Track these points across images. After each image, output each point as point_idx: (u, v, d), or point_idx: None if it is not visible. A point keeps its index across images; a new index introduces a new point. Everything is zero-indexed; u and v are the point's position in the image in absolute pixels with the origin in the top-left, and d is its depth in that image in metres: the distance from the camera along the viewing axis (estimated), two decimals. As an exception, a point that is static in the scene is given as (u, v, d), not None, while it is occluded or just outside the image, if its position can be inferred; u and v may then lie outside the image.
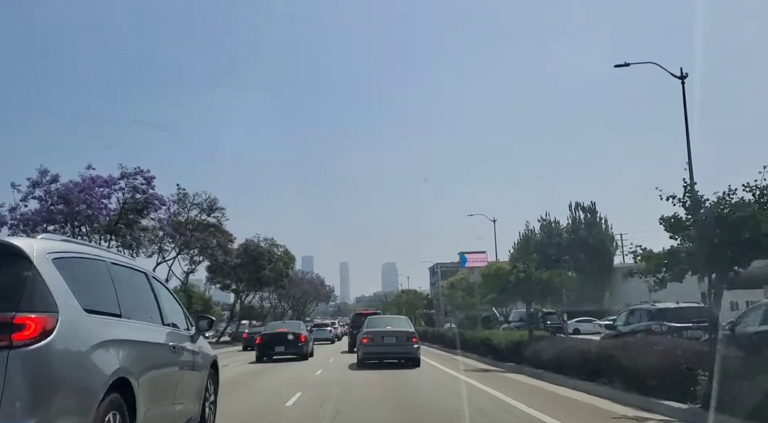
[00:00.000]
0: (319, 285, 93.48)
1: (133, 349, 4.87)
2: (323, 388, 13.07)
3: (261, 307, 77.15)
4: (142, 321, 5.50)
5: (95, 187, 26.17)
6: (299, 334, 25.12)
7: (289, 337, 24.64)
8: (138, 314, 5.47)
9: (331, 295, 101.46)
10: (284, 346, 24.40)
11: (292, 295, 78.97)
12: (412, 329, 19.92)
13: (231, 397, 11.05)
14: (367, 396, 11.70)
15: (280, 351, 24.20)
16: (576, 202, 60.25)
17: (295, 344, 24.50)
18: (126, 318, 5.07)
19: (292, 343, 24.51)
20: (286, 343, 24.51)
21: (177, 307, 6.96)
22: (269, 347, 24.40)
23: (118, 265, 5.51)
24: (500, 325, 44.07)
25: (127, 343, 4.80)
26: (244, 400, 11.49)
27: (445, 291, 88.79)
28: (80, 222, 26.34)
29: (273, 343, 24.53)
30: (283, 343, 24.49)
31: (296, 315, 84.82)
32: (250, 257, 46.03)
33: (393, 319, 24.15)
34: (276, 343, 24.56)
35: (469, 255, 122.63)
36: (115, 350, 4.56)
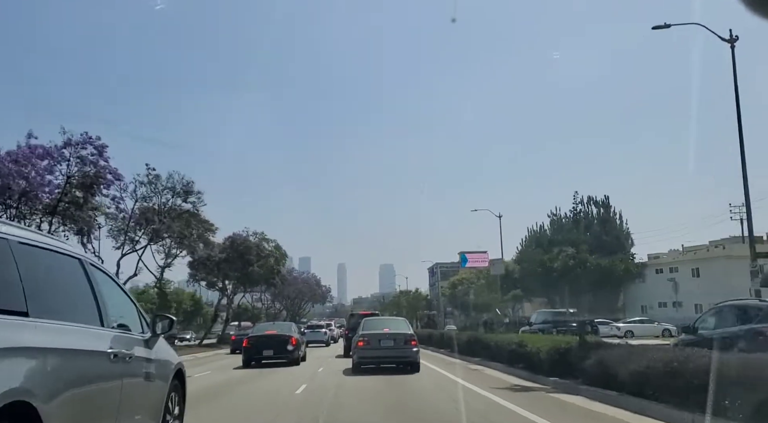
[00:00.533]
0: (314, 285, 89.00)
1: (44, 360, 3.57)
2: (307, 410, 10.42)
3: (253, 308, 72.67)
4: (68, 322, 4.13)
5: (34, 158, 21.45)
6: (290, 337, 23.44)
7: (278, 340, 23.13)
8: (61, 313, 4.11)
9: (328, 295, 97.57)
10: (273, 349, 22.94)
11: (286, 295, 74.66)
12: (410, 331, 19.06)
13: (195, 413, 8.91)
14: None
15: (269, 355, 22.78)
16: (588, 196, 57.47)
17: (285, 348, 22.88)
18: (37, 318, 3.69)
19: (282, 347, 22.92)
20: (276, 346, 22.98)
21: (128, 304, 5.65)
22: (257, 351, 22.96)
23: (31, 246, 4.03)
24: (502, 328, 42.00)
25: (35, 353, 3.51)
26: (215, 419, 9.78)
27: (446, 291, 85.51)
28: (16, 200, 21.61)
29: (261, 347, 23.03)
30: (271, 347, 23.01)
31: (291, 316, 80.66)
32: (237, 252, 41.60)
33: (391, 320, 23.48)
34: (264, 346, 23.06)
35: (469, 255, 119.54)
36: (10, 363, 3.26)
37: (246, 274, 43.99)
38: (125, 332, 5.14)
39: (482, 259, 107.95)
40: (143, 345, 5.45)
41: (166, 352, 6.15)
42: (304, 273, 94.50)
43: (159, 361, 5.76)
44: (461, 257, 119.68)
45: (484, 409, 9.56)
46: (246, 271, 43.24)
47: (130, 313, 5.55)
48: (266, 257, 46.68)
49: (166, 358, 6.07)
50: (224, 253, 42.15)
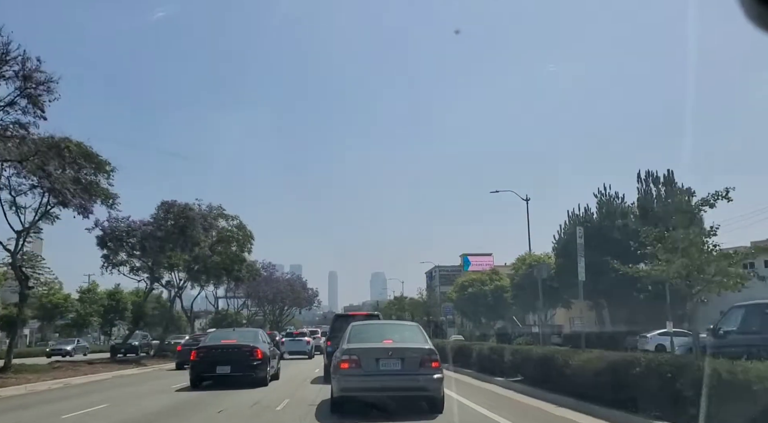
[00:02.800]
0: (299, 287, 74.88)
1: None
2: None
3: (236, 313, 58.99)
4: None
5: None
6: (253, 349, 17.78)
7: (238, 353, 17.59)
8: None
9: (315, 300, 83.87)
10: (230, 365, 17.48)
11: (264, 296, 60.73)
12: (429, 345, 11.86)
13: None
14: None
15: (224, 372, 17.40)
16: (647, 171, 45.28)
17: (248, 363, 17.43)
18: None
19: (243, 362, 17.44)
20: (234, 361, 17.47)
21: None
22: (208, 367, 17.58)
23: None
24: (520, 338, 35.32)
25: None
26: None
27: (452, 295, 72.43)
28: None
29: (214, 362, 17.58)
30: (229, 362, 17.51)
31: (271, 323, 66.85)
32: (177, 227, 27.85)
33: (395, 326, 15.19)
34: (219, 360, 17.56)
35: (472, 257, 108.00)
36: None
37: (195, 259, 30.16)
38: None
39: (487, 262, 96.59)
40: None
41: None
42: (289, 274, 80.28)
43: None
44: (464, 260, 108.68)
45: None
46: (191, 253, 29.48)
47: None
48: (226, 239, 32.85)
49: None
50: (155, 226, 28.40)
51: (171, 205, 33.95)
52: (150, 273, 35.07)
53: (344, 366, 11.24)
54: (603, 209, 44.20)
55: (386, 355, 11.26)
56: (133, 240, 32.98)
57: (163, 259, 33.60)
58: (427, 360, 11.30)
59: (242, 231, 40.95)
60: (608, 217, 43.65)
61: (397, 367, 11.22)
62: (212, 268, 37.98)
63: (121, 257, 34.35)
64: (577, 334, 51.45)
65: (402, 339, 12.14)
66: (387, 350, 11.34)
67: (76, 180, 23.84)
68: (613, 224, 43.30)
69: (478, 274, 67.62)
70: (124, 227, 32.33)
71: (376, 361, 11.19)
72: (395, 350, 11.37)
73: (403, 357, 11.27)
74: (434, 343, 20.52)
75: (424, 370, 11.16)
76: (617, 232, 42.69)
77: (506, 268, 69.52)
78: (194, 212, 34.97)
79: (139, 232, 32.61)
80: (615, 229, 42.83)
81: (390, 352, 11.30)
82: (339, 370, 11.32)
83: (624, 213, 43.60)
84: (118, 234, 32.62)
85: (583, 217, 44.38)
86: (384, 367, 11.19)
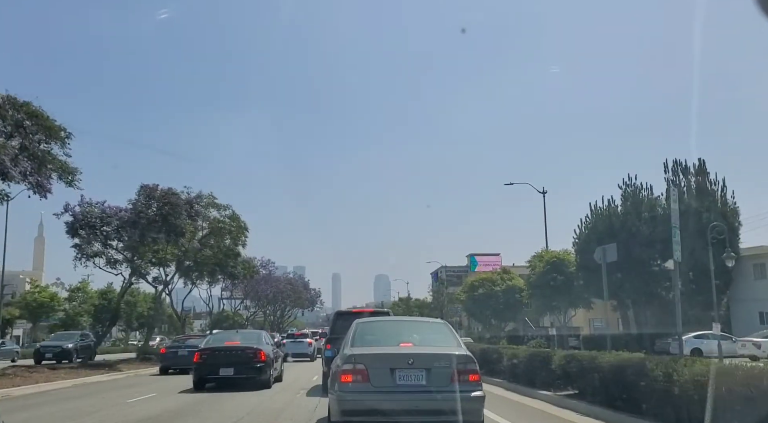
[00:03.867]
0: (301, 287, 71.64)
1: None
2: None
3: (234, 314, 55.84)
4: None
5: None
6: (257, 350, 17.81)
7: (241, 355, 17.69)
8: None
9: (317, 300, 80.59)
10: (233, 367, 17.46)
11: (263, 295, 57.53)
12: (464, 350, 8.70)
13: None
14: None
15: (227, 375, 17.37)
16: (675, 160, 41.92)
17: (251, 365, 17.47)
18: None
19: (247, 364, 17.49)
20: (238, 363, 17.52)
21: None
22: (211, 369, 17.57)
23: None
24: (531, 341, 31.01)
25: None
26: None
27: (461, 295, 69.29)
28: None
29: (218, 364, 17.59)
30: (232, 364, 17.50)
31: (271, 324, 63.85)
32: (160, 214, 24.33)
33: (414, 324, 11.31)
34: (222, 362, 17.57)
35: (479, 257, 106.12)
36: None
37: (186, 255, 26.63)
38: None
39: (494, 262, 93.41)
40: None
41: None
42: (290, 274, 76.87)
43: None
44: (471, 260, 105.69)
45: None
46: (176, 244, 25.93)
47: None
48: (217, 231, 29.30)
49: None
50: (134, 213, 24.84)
51: (153, 190, 30.32)
52: (130, 266, 31.43)
53: (346, 378, 8.15)
54: (628, 201, 40.84)
55: (405, 364, 8.15)
56: (108, 228, 29.41)
57: (144, 250, 30.07)
58: (463, 371, 8.17)
59: (236, 222, 37.74)
60: (634, 210, 40.19)
61: (420, 381, 8.14)
62: (203, 263, 34.44)
63: (95, 247, 30.75)
64: (598, 337, 48.01)
65: (425, 341, 9.04)
66: (406, 357, 8.23)
67: (22, 147, 20.18)
68: (639, 217, 39.96)
69: (488, 274, 64.52)
70: (98, 213, 28.75)
71: (390, 373, 8.14)
72: (418, 357, 8.26)
73: (429, 367, 8.18)
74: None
75: (460, 385, 8.05)
76: (645, 226, 39.18)
77: (516, 268, 66.42)
78: (177, 197, 31.26)
79: (114, 218, 29.06)
80: (642, 222, 39.36)
81: (410, 359, 8.19)
82: (339, 383, 8.22)
83: (651, 205, 39.99)
84: (92, 221, 29.04)
85: (606, 210, 40.83)
86: (402, 380, 8.13)
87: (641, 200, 40.79)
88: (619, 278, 39.01)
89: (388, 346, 8.66)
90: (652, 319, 41.66)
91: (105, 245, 31.71)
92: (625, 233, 38.73)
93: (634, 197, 41.27)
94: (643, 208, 40.24)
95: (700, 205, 38.69)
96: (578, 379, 12.50)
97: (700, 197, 39.58)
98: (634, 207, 40.48)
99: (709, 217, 37.74)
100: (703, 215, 37.76)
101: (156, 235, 29.50)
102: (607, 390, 10.91)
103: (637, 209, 40.31)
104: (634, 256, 38.14)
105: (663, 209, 39.90)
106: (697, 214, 37.67)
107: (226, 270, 36.81)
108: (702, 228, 35.75)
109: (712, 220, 37.37)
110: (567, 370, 13.06)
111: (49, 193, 21.63)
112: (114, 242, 30.03)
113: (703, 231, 35.66)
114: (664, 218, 36.67)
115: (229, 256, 36.58)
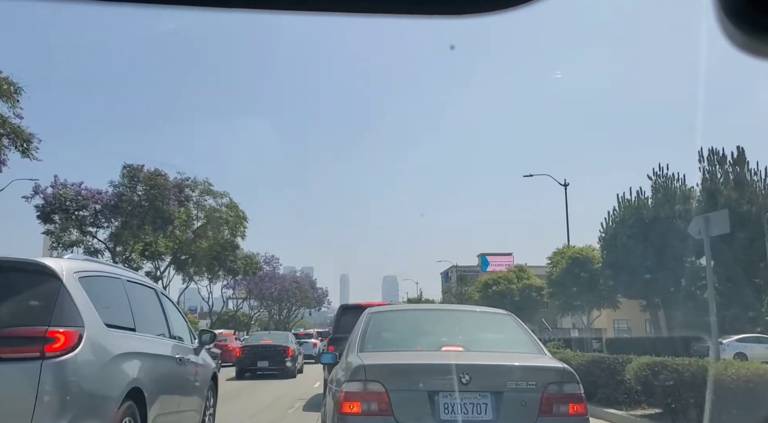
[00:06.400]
0: (307, 286, 68.82)
1: (145, 361, 5.72)
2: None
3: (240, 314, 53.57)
4: (152, 334, 6.41)
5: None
6: (286, 348, 21.97)
7: (274, 351, 21.69)
8: (149, 328, 6.39)
9: (324, 300, 77.84)
10: (268, 360, 21.43)
11: (267, 293, 54.90)
12: (554, 361, 5.09)
13: None
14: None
15: (263, 367, 21.50)
16: (711, 148, 37.60)
17: (282, 359, 21.50)
18: (139, 332, 5.99)
19: (278, 358, 21.50)
20: (271, 357, 21.47)
21: (181, 320, 7.93)
22: (251, 362, 21.61)
23: (133, 282, 6.50)
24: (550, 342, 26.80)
25: (141, 356, 5.67)
26: None
27: (475, 294, 66.06)
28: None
29: (255, 358, 21.55)
30: (266, 358, 21.45)
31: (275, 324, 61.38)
32: (147, 198, 21.27)
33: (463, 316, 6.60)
34: (259, 357, 21.51)
35: (491, 257, 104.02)
36: (130, 362, 5.40)
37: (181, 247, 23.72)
38: (181, 343, 7.42)
39: (507, 262, 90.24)
40: (193, 352, 7.66)
41: (207, 358, 8.49)
42: (297, 271, 74.34)
43: (202, 364, 7.98)
44: (482, 259, 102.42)
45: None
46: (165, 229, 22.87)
47: (182, 328, 7.83)
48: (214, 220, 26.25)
49: (207, 363, 8.41)
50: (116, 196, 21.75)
51: (137, 170, 27.05)
52: (112, 256, 28.28)
53: (351, 407, 4.72)
54: (659, 193, 37.68)
55: (455, 384, 4.65)
56: (85, 212, 26.17)
57: (129, 238, 26.89)
58: (560, 397, 4.72)
59: (234, 211, 34.74)
60: (667, 202, 36.97)
61: (483, 414, 4.65)
62: (200, 255, 31.20)
63: (73, 235, 27.48)
64: (623, 340, 44.66)
65: (484, 345, 5.62)
66: (456, 371, 4.69)
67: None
68: (672, 210, 36.84)
69: (504, 273, 61.33)
70: (72, 195, 25.50)
71: (429, 400, 4.69)
72: (477, 371, 4.79)
73: (499, 389, 4.72)
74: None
75: (554, 421, 4.66)
76: (678, 219, 35.90)
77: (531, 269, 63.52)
78: (165, 180, 28.11)
79: (91, 201, 25.84)
80: (675, 216, 36.13)
81: (464, 374, 4.68)
82: (340, 416, 4.80)
83: (685, 197, 36.70)
84: (67, 204, 25.78)
85: (636, 202, 37.59)
86: (449, 414, 4.66)
87: (674, 192, 37.64)
88: (649, 276, 35.94)
89: (422, 352, 5.45)
90: (685, 321, 38.45)
91: (83, 233, 28.88)
92: (657, 227, 35.68)
93: (665, 189, 38.14)
94: (677, 200, 37.11)
95: (740, 196, 35.50)
96: (666, 396, 9.30)
97: (738, 188, 36.37)
98: (667, 199, 37.49)
99: (750, 210, 34.59)
100: (744, 207, 34.57)
101: (141, 222, 26.22)
102: (721, 416, 7.69)
103: (670, 201, 37.27)
104: (667, 251, 35.10)
105: (698, 201, 36.72)
106: (738, 206, 34.43)
107: (225, 264, 33.90)
108: (741, 221, 32.49)
109: (753, 213, 34.24)
110: (650, 384, 9.77)
111: (3, 164, 18.34)
112: (93, 229, 26.99)
113: (743, 224, 32.48)
114: (699, 211, 33.45)
115: (227, 249, 33.77)
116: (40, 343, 4.38)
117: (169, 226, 28.58)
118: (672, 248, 38.24)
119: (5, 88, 18.43)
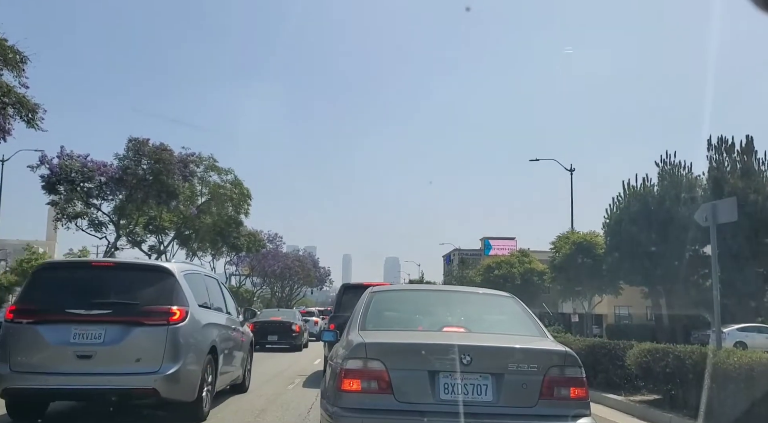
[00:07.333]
0: (310, 265, 68.74)
1: (217, 329, 8.98)
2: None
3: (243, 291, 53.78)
4: (217, 311, 9.52)
5: None
6: (293, 324, 24.01)
7: (283, 326, 23.66)
8: (215, 306, 9.51)
9: (326, 279, 78.03)
10: (278, 335, 23.33)
11: (270, 271, 54.85)
12: (555, 344, 5.18)
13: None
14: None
15: (273, 340, 23.15)
16: (720, 137, 37.52)
17: (290, 334, 23.47)
18: (212, 309, 9.17)
19: (287, 333, 23.50)
20: (280, 332, 23.44)
21: (232, 301, 11.04)
22: (262, 336, 22.49)
23: (206, 276, 9.94)
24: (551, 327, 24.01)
25: (215, 325, 8.89)
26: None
27: (477, 278, 65.96)
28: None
29: (266, 332, 23.02)
30: (276, 333, 23.38)
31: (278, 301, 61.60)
32: (152, 171, 21.08)
33: (465, 297, 6.55)
34: (270, 331, 23.24)
35: (494, 241, 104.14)
36: (210, 329, 8.60)
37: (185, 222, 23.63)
38: (233, 317, 10.63)
39: (510, 246, 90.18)
40: (239, 325, 11.00)
41: (247, 330, 11.93)
42: (299, 250, 74.39)
43: (245, 333, 11.57)
44: (485, 243, 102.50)
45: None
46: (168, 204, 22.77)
47: (232, 307, 10.96)
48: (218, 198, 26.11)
49: (248, 333, 11.98)
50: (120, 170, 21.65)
51: (143, 144, 27.03)
52: (116, 230, 28.27)
53: (351, 384, 4.76)
54: (665, 181, 37.47)
55: (455, 364, 4.69)
56: (90, 184, 26.17)
57: (133, 211, 26.86)
58: (561, 381, 4.74)
59: (238, 188, 34.92)
60: (673, 190, 36.83)
61: (482, 394, 4.69)
62: (203, 231, 31.19)
63: (78, 207, 27.46)
64: (623, 326, 44.58)
65: (486, 326, 5.65)
66: (457, 351, 4.73)
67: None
68: (678, 198, 36.79)
69: (506, 256, 61.17)
70: (78, 166, 25.50)
71: (429, 379, 4.75)
72: (478, 352, 4.81)
73: (500, 370, 4.76)
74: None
75: (554, 406, 4.68)
76: (684, 207, 35.77)
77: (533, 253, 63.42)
78: (170, 154, 28.76)
79: (96, 173, 25.84)
80: (681, 203, 36.05)
81: (465, 355, 4.72)
82: (339, 393, 4.82)
83: (691, 185, 36.49)
84: (72, 176, 25.76)
85: (641, 190, 37.40)
86: (449, 393, 4.71)
87: (680, 180, 37.43)
88: (652, 263, 35.84)
89: (424, 332, 5.48)
90: (687, 309, 38.37)
91: (87, 205, 28.83)
92: (662, 214, 35.76)
93: (671, 177, 37.95)
94: (683, 188, 36.92)
95: (747, 185, 35.24)
96: (666, 382, 9.42)
97: (745, 177, 36.12)
98: (673, 186, 37.30)
99: (757, 199, 34.35)
100: (750, 197, 34.33)
101: (145, 196, 26.30)
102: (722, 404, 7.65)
103: (676, 189, 37.09)
104: (671, 239, 34.99)
105: (703, 190, 36.52)
106: (744, 195, 34.18)
107: (228, 240, 34.18)
108: (748, 210, 32.31)
109: (759, 202, 34.02)
110: (650, 368, 9.78)
111: (7, 134, 18.17)
112: (98, 202, 27.10)
113: (749, 213, 32.28)
114: (705, 199, 33.23)
115: (230, 225, 34.18)
116: (166, 316, 7.41)
117: (173, 201, 28.76)
118: (676, 236, 38.20)
119: (11, 57, 18.41)
